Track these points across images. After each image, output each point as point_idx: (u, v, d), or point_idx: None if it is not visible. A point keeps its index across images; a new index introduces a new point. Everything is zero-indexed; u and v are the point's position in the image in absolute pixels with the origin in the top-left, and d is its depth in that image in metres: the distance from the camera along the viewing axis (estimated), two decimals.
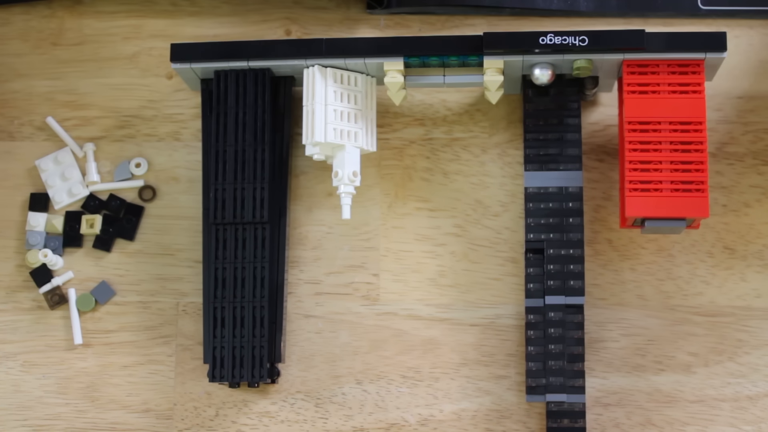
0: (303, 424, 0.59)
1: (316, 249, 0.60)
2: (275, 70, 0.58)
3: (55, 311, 0.61)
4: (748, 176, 0.59)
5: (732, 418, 0.57)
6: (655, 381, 0.57)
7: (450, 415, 0.58)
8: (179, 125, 0.62)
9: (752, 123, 0.60)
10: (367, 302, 0.60)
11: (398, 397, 0.59)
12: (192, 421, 0.59)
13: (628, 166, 0.53)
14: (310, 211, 0.61)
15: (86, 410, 0.60)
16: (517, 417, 0.58)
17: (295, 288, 0.60)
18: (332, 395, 0.59)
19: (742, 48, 0.60)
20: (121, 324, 0.61)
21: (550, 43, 0.54)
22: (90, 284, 0.61)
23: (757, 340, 0.57)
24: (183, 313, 0.60)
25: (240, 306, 0.57)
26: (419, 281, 0.60)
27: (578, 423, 0.55)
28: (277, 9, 0.63)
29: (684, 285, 0.58)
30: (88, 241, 0.62)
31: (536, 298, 0.56)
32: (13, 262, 0.62)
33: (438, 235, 0.60)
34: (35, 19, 0.54)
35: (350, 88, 0.57)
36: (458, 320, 0.59)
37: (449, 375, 0.59)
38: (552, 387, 0.55)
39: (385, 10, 0.62)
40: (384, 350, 0.59)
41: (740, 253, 0.58)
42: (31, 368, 0.61)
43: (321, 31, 0.63)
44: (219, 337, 0.57)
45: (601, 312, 0.58)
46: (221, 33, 0.63)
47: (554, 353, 0.55)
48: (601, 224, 0.59)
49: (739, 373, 0.57)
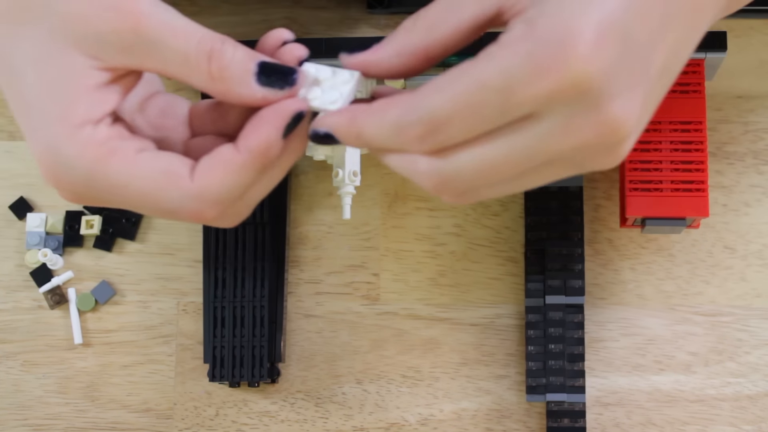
0: (303, 424, 0.59)
1: (316, 249, 0.60)
2: None
3: (55, 311, 0.61)
4: (748, 176, 0.59)
5: (732, 417, 0.57)
6: (655, 381, 0.57)
7: (450, 414, 0.58)
8: None
9: (752, 123, 0.60)
10: (367, 302, 0.60)
11: (398, 397, 0.59)
12: (192, 420, 0.59)
13: (629, 166, 0.53)
14: (310, 211, 0.61)
15: (86, 410, 0.60)
16: (517, 417, 0.58)
17: (295, 288, 0.60)
18: (332, 395, 0.59)
19: (742, 48, 0.60)
20: (121, 324, 0.61)
21: None
22: (90, 284, 0.61)
23: (757, 340, 0.57)
24: (183, 313, 0.60)
25: (240, 306, 0.57)
26: (419, 281, 0.60)
27: (578, 423, 0.55)
28: (277, 9, 0.63)
29: (684, 285, 0.58)
30: (88, 241, 0.62)
31: (536, 298, 0.56)
32: (13, 262, 0.62)
33: (438, 235, 0.60)
34: None
35: None
36: (458, 320, 0.59)
37: (449, 375, 0.59)
38: (552, 387, 0.55)
39: (386, 10, 0.62)
40: (384, 350, 0.59)
41: (740, 253, 0.58)
42: (31, 368, 0.61)
43: (321, 31, 0.63)
44: (219, 337, 0.57)
45: (601, 312, 0.58)
46: (221, 33, 0.63)
47: (554, 353, 0.55)
48: (601, 224, 0.59)
49: (739, 373, 0.57)
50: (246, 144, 0.38)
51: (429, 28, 0.38)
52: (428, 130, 0.36)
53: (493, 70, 0.35)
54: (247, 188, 0.40)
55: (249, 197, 0.41)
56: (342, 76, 0.39)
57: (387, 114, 0.37)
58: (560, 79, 0.34)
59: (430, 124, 0.36)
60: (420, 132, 0.36)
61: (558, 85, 0.34)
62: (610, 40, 0.34)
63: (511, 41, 0.35)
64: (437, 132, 0.36)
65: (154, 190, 0.38)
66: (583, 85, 0.34)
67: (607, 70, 0.34)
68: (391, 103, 0.37)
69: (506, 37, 0.35)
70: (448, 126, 0.36)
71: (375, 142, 0.38)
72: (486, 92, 0.35)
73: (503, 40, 0.35)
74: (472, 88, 0.35)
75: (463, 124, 0.35)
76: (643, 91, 0.36)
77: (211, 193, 0.38)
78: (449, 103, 0.35)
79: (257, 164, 0.38)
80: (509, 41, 0.35)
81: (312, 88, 0.40)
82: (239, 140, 0.38)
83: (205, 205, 0.39)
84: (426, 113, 0.36)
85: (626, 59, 0.35)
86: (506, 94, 0.35)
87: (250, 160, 0.38)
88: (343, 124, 0.38)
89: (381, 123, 0.37)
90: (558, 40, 0.34)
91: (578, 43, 0.34)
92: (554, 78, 0.34)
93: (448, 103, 0.35)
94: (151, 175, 0.38)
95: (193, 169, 0.38)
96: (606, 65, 0.34)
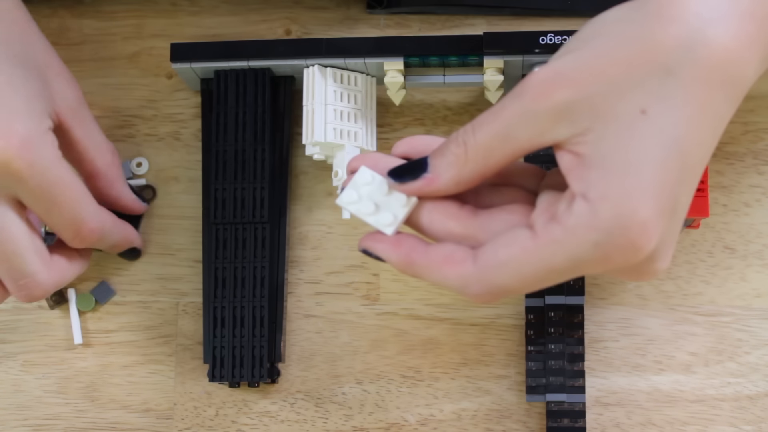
0: (303, 424, 0.59)
1: (316, 249, 0.60)
2: (275, 69, 0.58)
3: (55, 311, 0.61)
4: (748, 176, 0.59)
5: (732, 418, 0.57)
6: (655, 381, 0.57)
7: (450, 414, 0.58)
8: (179, 125, 0.62)
9: (752, 123, 0.60)
10: (367, 302, 0.60)
11: (398, 397, 0.59)
12: (192, 420, 0.59)
13: None
14: (310, 211, 0.61)
15: (86, 410, 0.60)
16: (517, 417, 0.58)
17: (295, 288, 0.60)
18: (332, 395, 0.59)
19: None
20: (121, 324, 0.61)
21: (550, 43, 0.54)
22: (90, 284, 0.61)
23: (757, 340, 0.57)
24: (183, 313, 0.60)
25: (240, 306, 0.57)
26: (419, 281, 0.59)
27: (578, 423, 0.55)
28: (277, 9, 0.63)
29: (684, 285, 0.58)
30: None
31: (536, 298, 0.56)
32: None
33: None
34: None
35: (350, 87, 0.57)
36: (458, 320, 0.59)
37: (449, 375, 0.59)
38: (552, 387, 0.55)
39: (385, 10, 0.62)
40: (384, 350, 0.59)
41: (740, 253, 0.58)
42: (31, 368, 0.61)
43: (321, 31, 0.63)
44: (219, 337, 0.57)
45: (601, 312, 0.58)
46: (221, 33, 0.63)
47: (554, 353, 0.55)
48: None
49: (739, 373, 0.57)
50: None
51: (484, 158, 0.39)
52: (494, 297, 0.39)
53: (561, 258, 0.37)
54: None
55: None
56: (399, 198, 0.40)
57: (450, 276, 0.39)
58: (621, 263, 0.37)
59: (497, 294, 0.38)
60: (486, 299, 0.39)
61: (618, 266, 0.37)
62: (665, 217, 0.37)
63: (577, 227, 0.36)
64: (503, 296, 0.39)
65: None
66: (639, 260, 0.37)
67: (659, 242, 0.37)
68: (452, 264, 0.39)
69: (572, 221, 0.37)
70: (514, 293, 0.38)
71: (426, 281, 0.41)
72: (554, 274, 0.37)
73: (568, 223, 0.37)
74: (540, 271, 0.37)
75: (529, 290, 0.39)
76: (677, 236, 0.40)
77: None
78: (517, 282, 0.38)
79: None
80: (575, 227, 0.36)
81: (364, 200, 0.41)
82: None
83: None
84: (493, 287, 0.38)
85: (673, 224, 0.38)
86: (572, 272, 0.37)
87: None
88: (397, 260, 0.40)
89: (443, 281, 0.39)
90: (623, 228, 0.36)
91: (642, 232, 0.36)
92: (616, 262, 0.37)
93: (515, 283, 0.38)
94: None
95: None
96: (659, 240, 0.37)
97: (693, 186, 0.39)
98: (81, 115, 0.54)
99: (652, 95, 0.37)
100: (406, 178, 0.40)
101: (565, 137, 0.37)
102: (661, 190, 0.36)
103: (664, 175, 0.36)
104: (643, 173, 0.36)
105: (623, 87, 0.37)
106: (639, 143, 0.36)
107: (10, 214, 0.48)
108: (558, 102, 0.37)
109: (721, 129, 0.39)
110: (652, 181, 0.36)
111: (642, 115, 0.37)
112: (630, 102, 0.37)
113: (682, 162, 0.37)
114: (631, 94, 0.37)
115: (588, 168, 0.37)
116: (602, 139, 0.37)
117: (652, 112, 0.37)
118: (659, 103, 0.37)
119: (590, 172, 0.37)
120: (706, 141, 0.38)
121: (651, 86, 0.37)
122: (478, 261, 0.38)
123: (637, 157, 0.36)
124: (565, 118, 0.37)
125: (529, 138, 0.38)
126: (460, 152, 0.39)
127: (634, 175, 0.36)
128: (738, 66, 0.39)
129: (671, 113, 0.37)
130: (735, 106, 0.40)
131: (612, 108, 0.37)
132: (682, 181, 0.37)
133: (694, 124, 0.37)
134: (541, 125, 0.38)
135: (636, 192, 0.36)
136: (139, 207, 0.59)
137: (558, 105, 0.37)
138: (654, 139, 0.36)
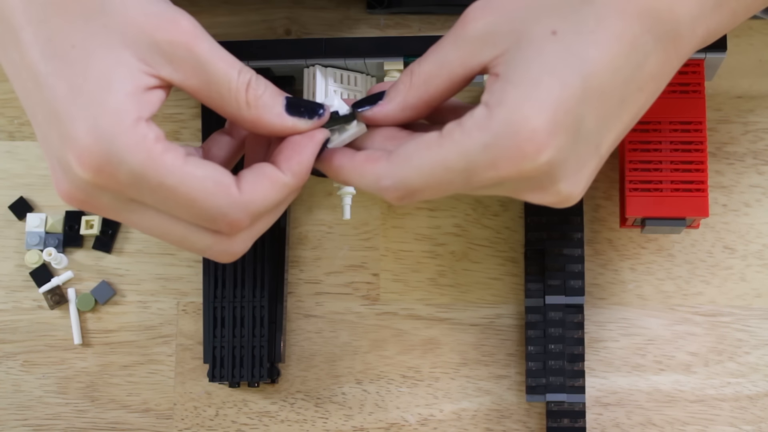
0: (303, 424, 0.59)
1: (316, 249, 0.60)
2: (275, 70, 0.58)
3: (55, 311, 0.61)
4: (748, 176, 0.59)
5: (732, 418, 0.57)
6: (655, 381, 0.57)
7: (450, 414, 0.58)
8: (179, 125, 0.62)
9: (752, 123, 0.60)
10: (367, 302, 0.60)
11: (398, 397, 0.59)
12: (192, 421, 0.59)
13: (629, 166, 0.53)
14: (310, 211, 0.61)
15: (86, 410, 0.60)
16: (517, 417, 0.58)
17: (295, 288, 0.60)
18: (332, 395, 0.59)
19: (742, 48, 0.60)
20: (121, 324, 0.61)
21: None
22: (90, 284, 0.61)
23: (757, 340, 0.57)
24: (183, 313, 0.60)
25: (240, 306, 0.57)
26: (419, 281, 0.60)
27: (578, 423, 0.55)
28: (277, 9, 0.63)
29: (684, 285, 0.58)
30: (88, 241, 0.62)
31: (536, 298, 0.56)
32: (13, 262, 0.62)
33: (438, 235, 0.60)
34: None
35: (350, 87, 0.57)
36: (458, 320, 0.59)
37: (449, 375, 0.59)
38: (552, 387, 0.55)
39: (385, 10, 0.62)
40: (384, 350, 0.59)
41: (740, 253, 0.58)
42: (31, 368, 0.61)
43: (321, 31, 0.63)
44: (219, 337, 0.57)
45: (601, 312, 0.58)
46: (221, 33, 0.63)
47: (554, 353, 0.55)
48: (601, 224, 0.59)
49: (739, 373, 0.57)
50: (289, 166, 0.42)
51: (425, 84, 0.42)
52: (402, 195, 0.41)
53: (455, 155, 0.39)
54: (276, 208, 0.43)
55: (258, 225, 0.44)
56: (352, 126, 0.44)
57: (366, 173, 0.42)
58: (512, 170, 0.39)
59: (403, 191, 0.41)
60: (395, 195, 0.41)
61: (509, 174, 0.39)
62: (561, 132, 0.38)
63: (471, 128, 0.39)
64: (411, 196, 0.41)
65: (203, 195, 0.40)
66: (532, 173, 0.39)
67: (556, 159, 0.39)
68: (369, 162, 0.42)
69: (468, 122, 0.39)
70: (419, 193, 0.41)
71: (354, 186, 0.44)
72: (450, 173, 0.40)
73: (465, 125, 0.39)
74: (437, 168, 0.40)
75: (432, 192, 0.41)
76: (591, 167, 0.41)
77: (256, 205, 0.41)
78: (419, 179, 0.40)
79: (296, 186, 0.42)
80: (470, 128, 0.39)
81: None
82: (280, 162, 0.42)
83: (246, 215, 0.41)
84: (399, 182, 0.41)
85: (576, 146, 0.39)
86: (467, 175, 0.39)
87: (293, 182, 0.42)
88: (329, 167, 0.43)
89: (360, 179, 0.42)
90: (512, 133, 0.38)
91: (530, 138, 0.38)
92: (506, 169, 0.39)
93: (418, 178, 0.40)
94: (202, 180, 0.40)
95: (239, 181, 0.41)
96: (555, 156, 0.39)
97: (607, 113, 0.40)
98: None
99: (566, 19, 0.39)
100: (364, 105, 0.44)
101: (489, 59, 0.40)
102: (558, 104, 0.38)
103: (563, 90, 0.38)
104: (541, 86, 0.38)
105: (540, 12, 0.39)
106: (543, 59, 0.38)
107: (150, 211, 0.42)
108: (483, 26, 0.40)
109: (646, 64, 0.40)
110: (549, 94, 0.38)
111: (552, 36, 0.39)
112: (543, 24, 0.39)
113: (586, 82, 0.38)
114: (546, 17, 0.39)
115: (497, 82, 0.39)
116: (514, 58, 0.39)
117: (562, 33, 0.39)
118: (571, 26, 0.39)
119: (496, 85, 0.39)
120: (622, 70, 0.39)
121: (565, 11, 0.39)
122: (390, 157, 0.41)
123: (539, 72, 0.38)
124: (489, 41, 0.40)
125: (461, 62, 0.41)
126: (406, 80, 0.43)
127: (532, 87, 0.38)
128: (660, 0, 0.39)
129: (581, 37, 0.38)
130: (667, 45, 0.40)
131: (528, 30, 0.39)
132: (585, 100, 0.38)
133: (604, 48, 0.38)
134: (469, 48, 0.41)
135: (530, 101, 0.38)
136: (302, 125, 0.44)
137: (483, 29, 0.40)
138: (557, 56, 0.38)
